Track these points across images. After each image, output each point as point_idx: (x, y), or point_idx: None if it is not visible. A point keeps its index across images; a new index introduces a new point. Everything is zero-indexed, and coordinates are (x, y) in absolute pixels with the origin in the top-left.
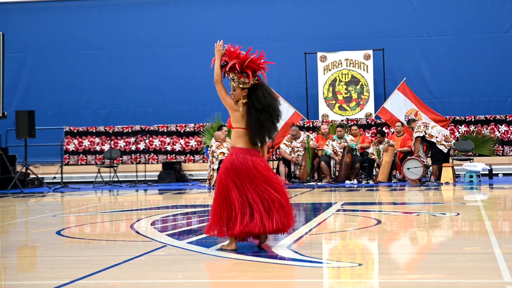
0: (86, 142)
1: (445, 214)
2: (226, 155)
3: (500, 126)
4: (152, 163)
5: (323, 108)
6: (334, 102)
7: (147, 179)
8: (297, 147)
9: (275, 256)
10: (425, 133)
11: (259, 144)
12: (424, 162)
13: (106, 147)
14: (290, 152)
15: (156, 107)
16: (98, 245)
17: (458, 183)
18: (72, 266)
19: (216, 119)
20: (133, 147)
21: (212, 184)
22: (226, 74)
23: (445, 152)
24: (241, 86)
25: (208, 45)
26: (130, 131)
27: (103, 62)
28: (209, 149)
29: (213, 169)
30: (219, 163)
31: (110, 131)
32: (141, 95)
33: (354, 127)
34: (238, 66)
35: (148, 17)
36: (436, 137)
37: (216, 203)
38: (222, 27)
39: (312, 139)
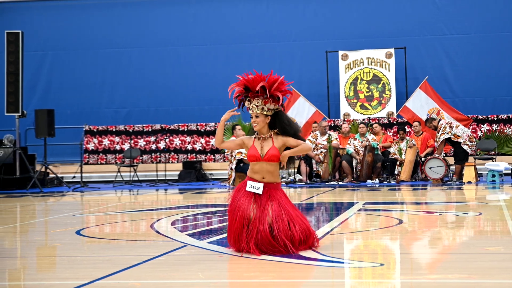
0: (106, 141)
1: (467, 213)
2: (244, 155)
3: None
4: (172, 162)
5: (344, 107)
6: (355, 101)
7: (167, 178)
8: (321, 144)
9: (296, 256)
10: (451, 134)
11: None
12: (446, 161)
13: (126, 146)
14: (314, 148)
15: (177, 106)
16: (118, 245)
17: (481, 182)
18: (92, 266)
19: (237, 119)
20: (153, 146)
21: (231, 183)
22: (246, 102)
23: (468, 152)
24: (265, 113)
25: (230, 43)
26: (150, 130)
27: (124, 61)
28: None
29: (231, 169)
30: (237, 163)
31: (130, 130)
32: (162, 94)
33: (375, 125)
34: (268, 90)
35: (170, 15)
36: (461, 137)
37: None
38: (244, 26)
39: (336, 138)
